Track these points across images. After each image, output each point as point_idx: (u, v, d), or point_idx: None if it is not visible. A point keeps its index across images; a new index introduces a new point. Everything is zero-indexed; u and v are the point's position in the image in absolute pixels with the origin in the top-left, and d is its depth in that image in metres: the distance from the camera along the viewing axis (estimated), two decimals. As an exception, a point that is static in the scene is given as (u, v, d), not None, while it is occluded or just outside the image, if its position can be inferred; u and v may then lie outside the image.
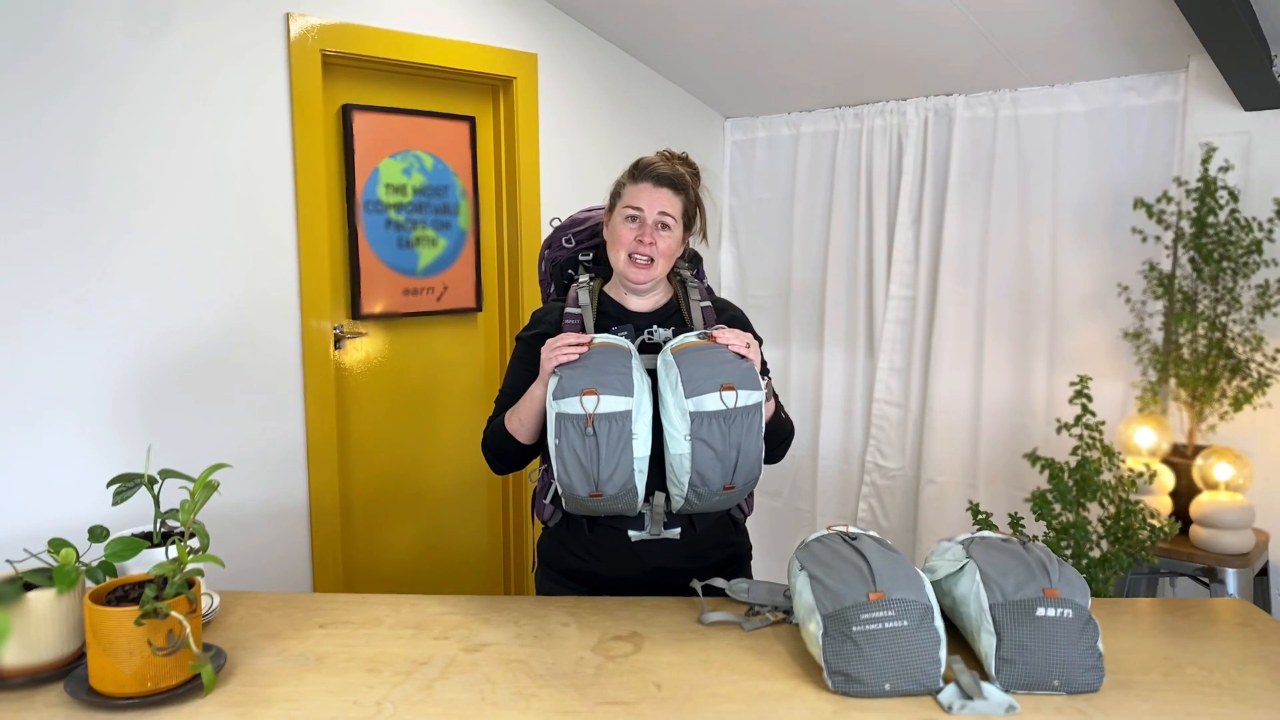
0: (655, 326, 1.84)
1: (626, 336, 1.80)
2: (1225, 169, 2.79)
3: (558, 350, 1.68)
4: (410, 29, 3.03)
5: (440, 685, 1.42)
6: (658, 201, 1.80)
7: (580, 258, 1.98)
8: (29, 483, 2.33)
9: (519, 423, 1.79)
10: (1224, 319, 2.80)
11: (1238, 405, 2.81)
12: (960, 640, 1.53)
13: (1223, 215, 2.79)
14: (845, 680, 1.38)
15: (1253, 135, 2.89)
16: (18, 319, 2.29)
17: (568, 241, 1.99)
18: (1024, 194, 3.39)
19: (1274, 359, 2.79)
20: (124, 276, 2.46)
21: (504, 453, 1.86)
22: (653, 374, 1.72)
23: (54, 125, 2.32)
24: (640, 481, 1.66)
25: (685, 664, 1.49)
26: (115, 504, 1.52)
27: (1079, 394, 2.46)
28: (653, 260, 1.79)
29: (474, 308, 3.36)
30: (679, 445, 1.65)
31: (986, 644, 1.42)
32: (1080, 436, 2.44)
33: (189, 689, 1.38)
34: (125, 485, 1.53)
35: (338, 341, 3.03)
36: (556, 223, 2.03)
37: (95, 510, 1.82)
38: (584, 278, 1.90)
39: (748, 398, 1.66)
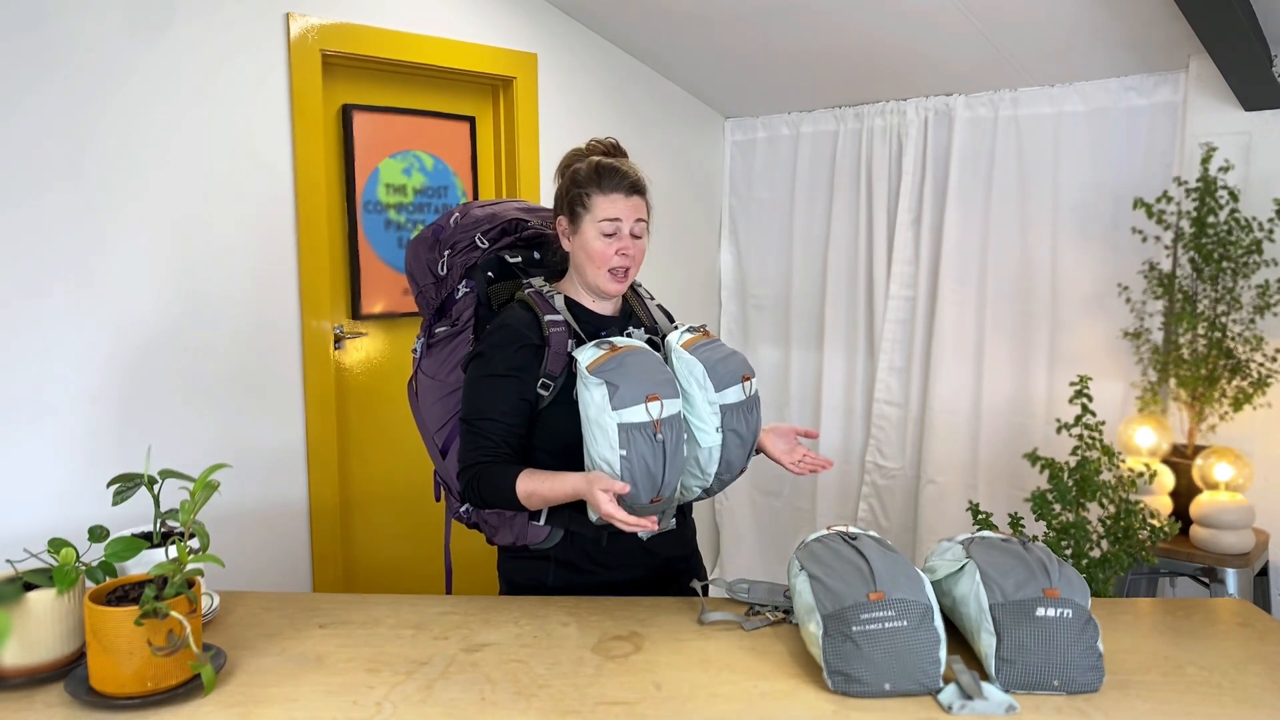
0: (630, 328, 1.85)
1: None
2: (1225, 169, 2.79)
3: (619, 520, 1.55)
4: (410, 29, 3.03)
5: (440, 685, 1.42)
6: (633, 210, 1.75)
7: (509, 258, 1.87)
8: (29, 483, 2.33)
9: (540, 500, 1.65)
10: (1224, 319, 2.80)
11: (1238, 405, 2.81)
12: (960, 640, 1.53)
13: (1223, 215, 2.79)
14: (845, 680, 1.38)
15: (1253, 135, 2.89)
16: (17, 319, 2.29)
17: (481, 242, 1.86)
18: (1024, 194, 3.39)
19: (1274, 359, 2.79)
20: (123, 276, 2.46)
21: (494, 504, 1.69)
22: None
23: (53, 124, 2.32)
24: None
25: (685, 664, 1.49)
26: (115, 504, 1.52)
27: (1079, 394, 2.46)
28: (627, 270, 1.77)
29: (474, 308, 3.36)
30: (709, 438, 1.69)
31: (986, 644, 1.42)
32: (1080, 436, 2.44)
33: (189, 689, 1.38)
34: (125, 485, 1.53)
35: (338, 341, 3.03)
36: (456, 216, 1.88)
37: (95, 510, 1.82)
38: (539, 281, 1.82)
39: (756, 384, 1.76)
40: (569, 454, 1.70)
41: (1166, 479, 2.82)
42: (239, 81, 2.65)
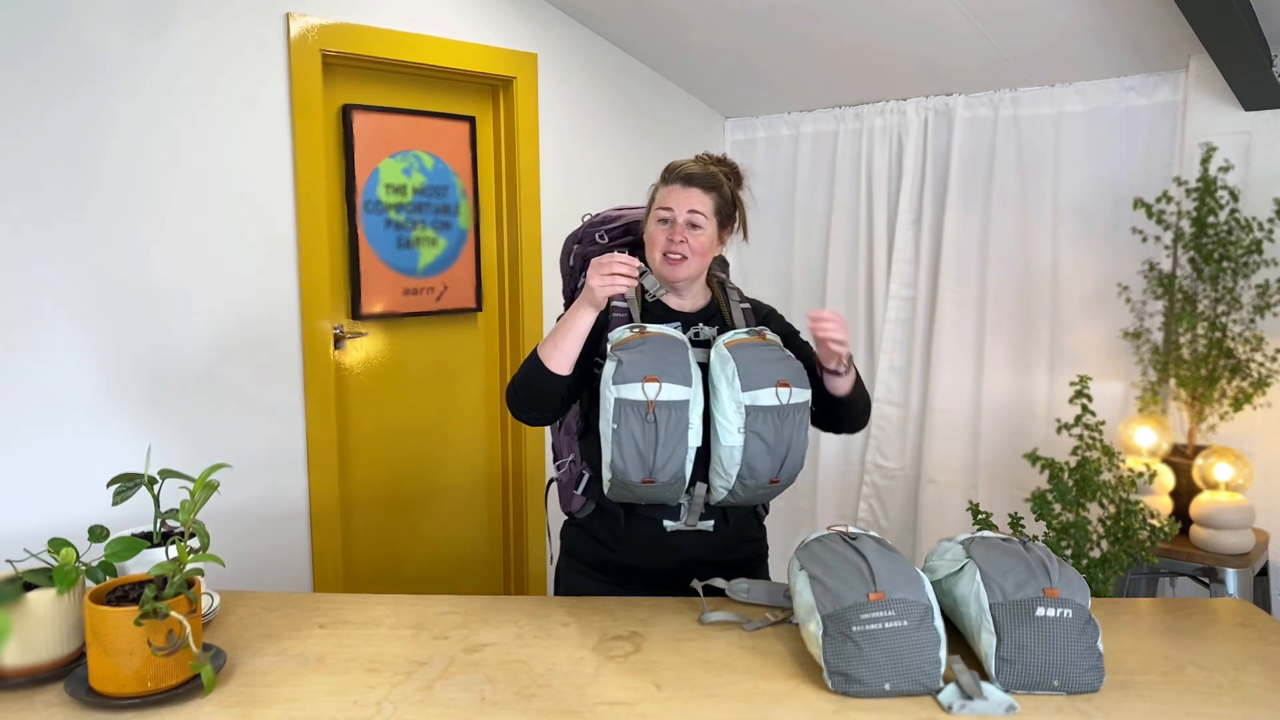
0: (701, 324, 1.87)
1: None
2: (1225, 169, 2.79)
3: (608, 277, 1.65)
4: (410, 29, 3.03)
5: (440, 685, 1.42)
6: (687, 201, 1.81)
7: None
8: (29, 483, 2.33)
9: (553, 348, 1.72)
10: (1224, 319, 2.80)
11: (1238, 405, 2.81)
12: (960, 640, 1.53)
13: (1223, 215, 2.79)
14: (845, 680, 1.38)
15: (1253, 135, 2.89)
16: (18, 317, 2.29)
17: (601, 238, 2.01)
18: (1024, 194, 3.39)
19: (1274, 359, 2.79)
20: (123, 276, 2.46)
21: (533, 392, 1.77)
22: (703, 368, 1.74)
23: (55, 125, 2.32)
24: (689, 471, 1.70)
25: (685, 664, 1.49)
26: (115, 504, 1.52)
27: (1079, 394, 2.46)
28: (685, 258, 1.81)
29: (474, 308, 3.36)
30: (731, 438, 1.68)
31: (986, 644, 1.42)
32: (1080, 436, 2.44)
33: (189, 689, 1.38)
34: (125, 485, 1.53)
35: (338, 341, 3.03)
36: (588, 217, 2.05)
37: (95, 510, 1.82)
38: None
39: (799, 395, 1.71)
40: None
41: (1166, 479, 2.82)
42: (239, 82, 2.65)
